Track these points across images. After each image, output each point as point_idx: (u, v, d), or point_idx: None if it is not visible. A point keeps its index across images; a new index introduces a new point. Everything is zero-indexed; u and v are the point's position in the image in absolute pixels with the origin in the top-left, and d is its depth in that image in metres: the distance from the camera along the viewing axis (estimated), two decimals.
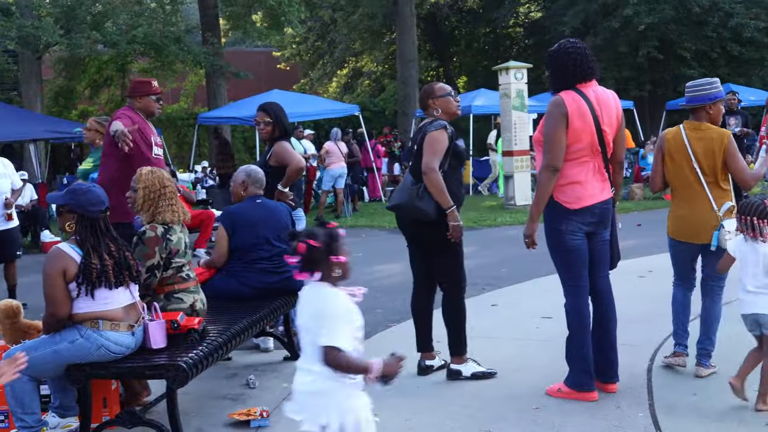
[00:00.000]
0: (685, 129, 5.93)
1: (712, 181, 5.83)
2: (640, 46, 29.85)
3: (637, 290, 8.76)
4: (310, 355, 3.53)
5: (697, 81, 6.02)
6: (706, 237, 5.80)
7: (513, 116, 18.13)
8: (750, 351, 5.38)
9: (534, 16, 37.65)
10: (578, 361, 5.50)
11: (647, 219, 15.84)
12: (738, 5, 29.66)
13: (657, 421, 5.10)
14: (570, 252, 5.43)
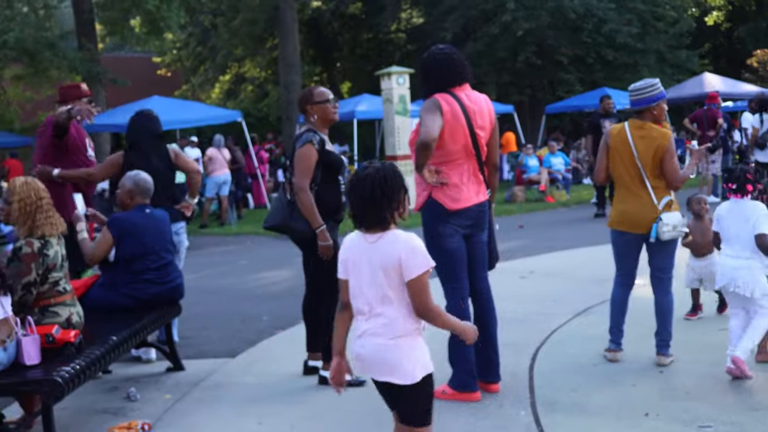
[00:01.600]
0: (629, 127, 6.15)
1: (653, 177, 6.05)
2: (519, 51, 30.46)
3: (519, 291, 8.92)
4: None
5: (638, 84, 6.23)
6: (646, 228, 6.03)
7: (396, 121, 18.24)
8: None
9: (416, 22, 38.00)
10: (461, 362, 5.56)
11: (529, 221, 16.18)
12: (611, 12, 30.61)
13: (538, 418, 5.21)
14: (448, 254, 5.49)
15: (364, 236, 3.70)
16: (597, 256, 10.31)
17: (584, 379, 5.92)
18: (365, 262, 3.67)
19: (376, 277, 3.62)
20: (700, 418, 5.00)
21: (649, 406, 5.26)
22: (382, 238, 3.64)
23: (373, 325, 3.66)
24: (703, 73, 29.36)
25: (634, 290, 6.44)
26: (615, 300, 6.35)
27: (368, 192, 3.60)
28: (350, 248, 3.76)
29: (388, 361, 3.64)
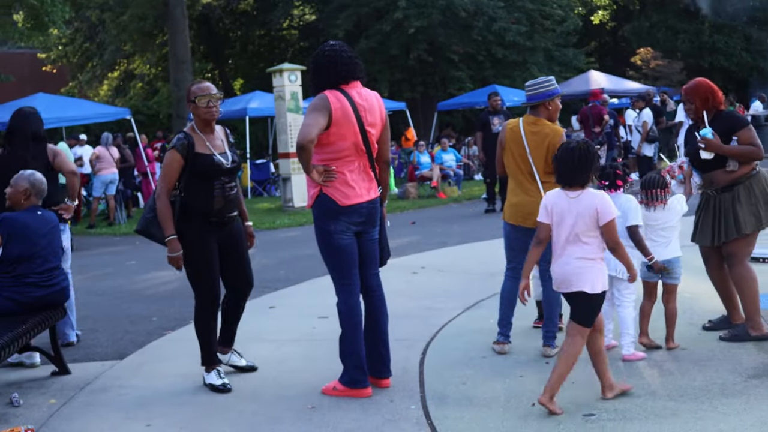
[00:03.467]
0: (523, 123, 6.27)
1: (543, 173, 6.17)
2: (411, 48, 30.69)
3: (410, 286, 9.00)
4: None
5: (535, 80, 6.36)
6: (535, 223, 6.07)
7: (288, 118, 18.18)
8: (642, 307, 6.24)
9: (308, 19, 37.90)
10: (351, 358, 5.58)
11: (421, 217, 16.34)
12: (500, 10, 31.11)
13: (428, 411, 5.26)
14: (339, 251, 5.50)
15: (566, 193, 5.09)
16: (488, 250, 10.49)
17: (473, 371, 6.01)
18: (568, 211, 5.05)
19: (577, 222, 5.02)
20: (584, 407, 5.13)
21: (535, 396, 5.34)
22: (583, 194, 5.05)
23: (567, 251, 5.08)
24: (590, 71, 30.18)
25: None
26: (504, 293, 6.46)
27: (576, 160, 5.03)
28: (555, 202, 5.14)
29: (581, 277, 5.04)
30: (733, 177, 6.21)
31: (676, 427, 4.73)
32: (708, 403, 5.07)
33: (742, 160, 6.20)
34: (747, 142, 6.19)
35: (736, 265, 6.28)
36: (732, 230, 6.20)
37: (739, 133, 6.20)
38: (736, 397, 5.14)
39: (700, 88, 6.36)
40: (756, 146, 6.21)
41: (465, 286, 8.82)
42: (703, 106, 6.31)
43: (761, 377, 5.46)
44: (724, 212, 6.22)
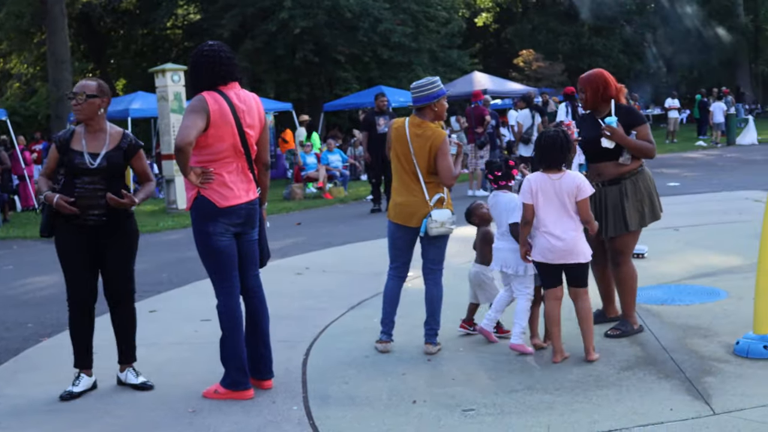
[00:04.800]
0: (409, 124, 6.30)
1: (427, 174, 6.21)
2: (297, 49, 30.64)
3: (294, 287, 8.97)
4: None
5: (420, 82, 6.34)
6: (418, 223, 6.20)
7: (171, 119, 17.87)
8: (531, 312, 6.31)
9: (193, 18, 37.45)
10: (233, 360, 5.53)
11: (307, 218, 16.32)
12: (386, 11, 31.33)
13: (310, 412, 5.26)
14: (218, 253, 5.45)
15: (548, 175, 5.74)
16: (372, 250, 10.55)
17: (356, 371, 6.03)
18: (555, 191, 5.71)
19: (565, 200, 5.70)
20: (464, 403, 5.21)
21: (417, 393, 5.43)
22: (564, 175, 5.73)
23: (562, 226, 5.72)
24: (473, 72, 30.64)
25: (407, 282, 6.62)
26: (387, 292, 6.50)
27: (558, 145, 5.74)
28: (539, 184, 5.75)
29: (578, 248, 5.77)
30: (622, 171, 6.31)
31: (552, 419, 4.84)
32: (583, 395, 5.21)
33: (637, 155, 6.35)
34: (645, 138, 6.34)
35: (622, 263, 6.43)
36: (621, 225, 6.31)
37: (638, 129, 6.33)
38: (610, 388, 5.29)
39: (593, 78, 6.45)
40: (652, 144, 6.38)
41: (349, 286, 8.85)
42: (594, 97, 6.42)
43: (633, 369, 5.64)
44: (612, 206, 6.32)
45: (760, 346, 5.63)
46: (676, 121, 32.86)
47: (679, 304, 7.20)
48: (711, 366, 5.56)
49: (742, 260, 8.50)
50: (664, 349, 6.01)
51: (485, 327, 6.44)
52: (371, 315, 7.18)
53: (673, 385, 5.28)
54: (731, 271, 8.29)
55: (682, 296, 7.45)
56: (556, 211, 5.76)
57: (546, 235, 5.78)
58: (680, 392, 5.14)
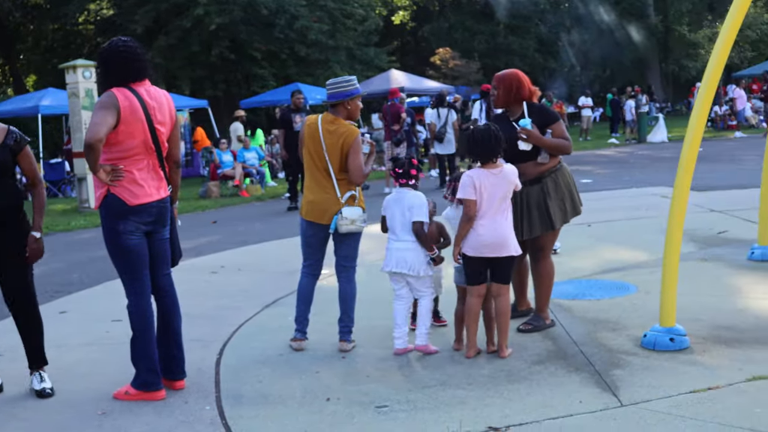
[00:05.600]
0: (322, 121, 6.27)
1: (338, 171, 6.20)
2: (212, 46, 30.33)
3: (209, 286, 8.88)
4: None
5: (336, 79, 6.35)
6: (329, 220, 6.18)
7: (83, 116, 17.52)
8: (455, 312, 6.26)
9: (105, 14, 36.79)
10: (144, 361, 5.44)
11: (223, 216, 16.17)
12: (303, 8, 31.23)
13: (223, 411, 5.21)
14: (129, 252, 5.36)
15: (488, 171, 5.78)
16: (288, 248, 10.48)
17: (270, 369, 5.99)
18: (497, 184, 5.76)
19: (506, 192, 5.80)
20: (377, 400, 5.22)
21: (331, 391, 5.43)
22: (503, 168, 5.82)
23: (499, 220, 5.76)
24: (390, 70, 30.73)
25: (321, 279, 6.61)
26: (301, 290, 6.48)
27: (492, 139, 5.78)
28: (482, 179, 5.74)
29: (510, 241, 5.82)
30: (542, 170, 6.37)
31: (464, 414, 4.89)
32: (495, 389, 5.27)
33: (554, 153, 6.42)
34: (560, 135, 6.41)
35: (542, 259, 6.51)
36: (546, 224, 6.37)
37: (552, 126, 6.39)
38: (521, 382, 5.36)
39: (507, 77, 6.49)
40: (568, 140, 6.46)
41: (264, 285, 8.80)
42: (506, 96, 6.46)
43: (544, 363, 5.72)
44: (536, 206, 6.36)
45: (666, 338, 5.78)
46: (590, 119, 33.48)
47: (589, 299, 7.33)
48: (619, 359, 5.68)
49: (649, 255, 8.70)
50: (575, 342, 6.12)
51: (419, 342, 6.12)
52: (286, 313, 7.14)
53: (583, 378, 5.38)
54: (640, 266, 8.49)
55: (592, 291, 7.59)
56: (495, 205, 5.79)
57: (482, 228, 5.77)
58: (589, 385, 5.24)
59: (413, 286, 6.20)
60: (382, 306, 7.15)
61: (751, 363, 5.37)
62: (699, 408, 4.69)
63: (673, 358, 5.59)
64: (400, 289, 6.21)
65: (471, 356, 5.90)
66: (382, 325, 6.82)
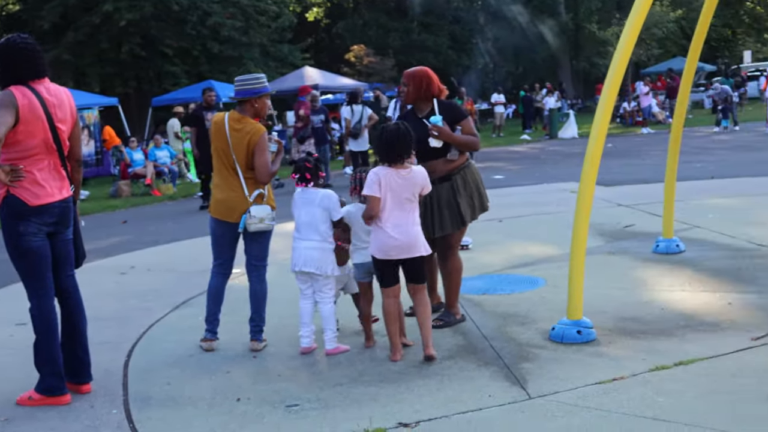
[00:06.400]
0: (229, 119, 6.19)
1: (246, 169, 6.14)
2: (122, 42, 29.81)
3: (118, 287, 8.72)
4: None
5: (245, 76, 6.29)
6: (238, 218, 6.12)
7: None
8: (362, 312, 6.27)
9: (11, 9, 35.77)
10: (47, 365, 5.31)
11: (134, 216, 15.94)
12: (215, 5, 30.92)
13: (130, 414, 5.12)
14: (30, 254, 5.22)
15: (396, 171, 5.65)
16: (200, 247, 10.33)
17: (180, 371, 5.92)
18: (404, 185, 5.66)
19: (413, 193, 5.70)
20: (288, 398, 5.20)
21: (241, 391, 5.38)
22: (412, 169, 5.71)
23: (406, 221, 5.67)
24: (304, 67, 30.58)
25: (232, 279, 6.54)
26: (211, 290, 6.42)
27: (401, 138, 5.67)
28: (387, 179, 5.63)
29: (420, 241, 5.72)
30: (451, 167, 6.40)
31: (375, 410, 4.89)
32: (406, 385, 5.28)
33: (464, 150, 6.45)
34: (469, 132, 6.45)
35: (451, 256, 6.55)
36: (457, 221, 6.40)
37: (462, 123, 6.42)
38: (432, 378, 5.39)
39: (417, 74, 6.52)
40: (477, 136, 6.51)
41: (175, 285, 8.69)
42: (416, 92, 6.49)
43: (455, 358, 5.77)
44: (446, 204, 6.38)
45: (574, 331, 5.88)
46: (502, 116, 33.90)
47: (500, 294, 7.42)
48: (528, 352, 5.76)
49: (558, 250, 8.85)
50: (485, 337, 6.18)
51: (329, 347, 6.08)
52: (197, 313, 7.06)
53: (493, 372, 5.44)
54: (549, 260, 8.62)
55: (502, 285, 7.68)
56: (401, 206, 5.69)
57: (390, 230, 5.67)
58: (499, 379, 5.30)
59: (317, 288, 6.15)
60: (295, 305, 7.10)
61: (654, 353, 5.50)
62: (604, 399, 4.79)
63: (580, 351, 5.69)
64: (307, 288, 6.19)
65: (398, 359, 5.78)
66: (295, 324, 6.77)
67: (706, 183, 14.01)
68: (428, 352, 5.70)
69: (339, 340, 6.16)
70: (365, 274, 6.17)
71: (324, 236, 6.07)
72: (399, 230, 5.66)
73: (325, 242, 6.07)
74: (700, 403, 4.63)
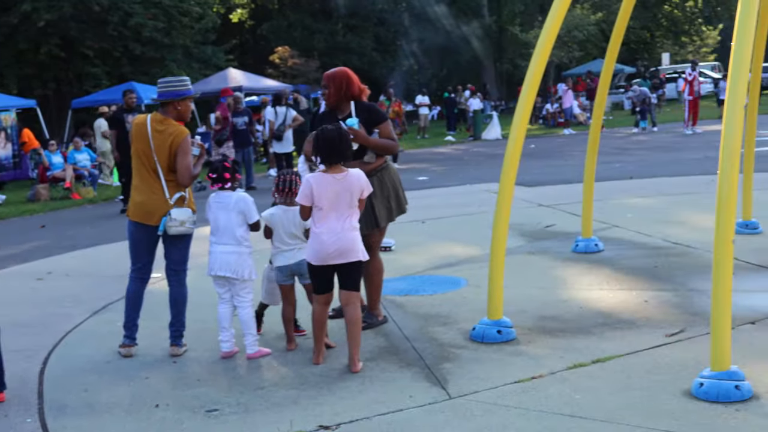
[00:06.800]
0: (151, 120, 6.09)
1: (167, 172, 6.06)
2: (41, 43, 29.22)
3: (35, 293, 8.53)
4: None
5: (168, 78, 6.21)
6: (158, 221, 6.04)
7: None
8: (282, 313, 6.17)
9: None
10: None
11: (52, 220, 15.61)
12: (137, 5, 30.48)
13: (45, 423, 5.02)
14: None
15: (331, 175, 5.50)
16: (120, 251, 10.11)
17: (97, 377, 5.81)
18: (339, 190, 5.49)
19: (351, 198, 5.53)
20: (208, 403, 5.14)
21: (160, 397, 5.31)
22: (348, 174, 5.53)
23: (343, 226, 5.50)
24: (228, 69, 30.36)
25: (152, 283, 6.46)
26: (130, 295, 6.31)
27: (337, 140, 5.53)
28: (321, 185, 5.48)
29: (357, 246, 5.56)
30: (368, 169, 6.34)
31: (296, 414, 4.87)
32: (327, 388, 5.27)
33: (380, 153, 6.44)
34: (387, 135, 6.44)
35: (372, 257, 6.51)
36: (371, 223, 6.39)
37: (380, 126, 6.41)
38: (353, 380, 5.39)
39: (337, 75, 6.50)
40: (395, 140, 6.50)
41: (94, 290, 8.53)
42: (337, 94, 6.46)
43: (377, 359, 5.77)
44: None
45: (494, 330, 5.94)
46: (427, 118, 34.07)
47: (422, 295, 7.45)
48: (450, 352, 5.79)
49: (480, 250, 8.91)
50: (407, 338, 6.20)
51: (250, 351, 6.02)
52: (115, 319, 6.93)
53: (414, 373, 5.46)
54: (471, 260, 8.69)
55: (425, 286, 7.72)
56: (338, 211, 5.52)
57: (325, 236, 5.50)
58: (420, 379, 5.32)
59: (234, 292, 6.09)
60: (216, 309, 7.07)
61: (572, 351, 5.59)
62: (523, 397, 4.84)
63: (500, 350, 5.75)
64: (225, 292, 6.12)
65: (320, 362, 5.72)
66: (216, 328, 6.72)
67: (625, 183, 14.28)
68: (354, 369, 5.55)
69: (261, 344, 6.12)
70: (287, 276, 6.13)
71: (240, 240, 6.00)
72: (335, 236, 5.49)
73: (242, 246, 6.01)
74: (616, 399, 4.71)
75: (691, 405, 4.56)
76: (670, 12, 56.03)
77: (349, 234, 5.55)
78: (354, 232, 5.59)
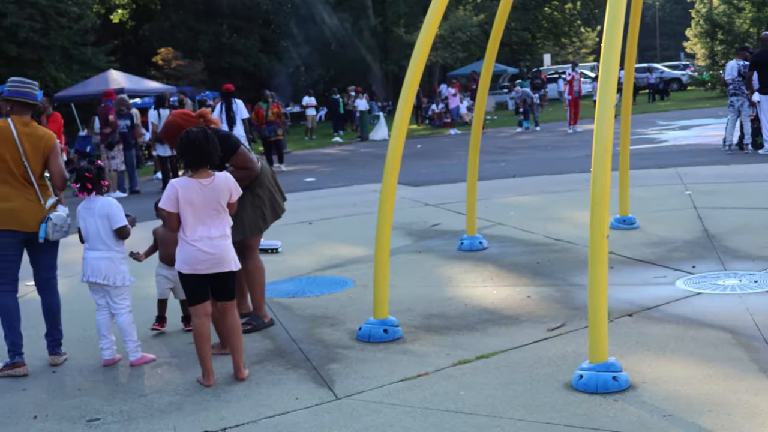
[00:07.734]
0: (15, 123, 5.85)
1: (39, 176, 5.89)
2: None
3: None
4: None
5: (20, 78, 6.00)
6: (33, 228, 5.82)
7: None
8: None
9: None
10: None
11: None
12: (12, 5, 29.55)
13: None
14: None
15: (197, 181, 5.20)
16: None
17: None
18: (206, 197, 5.22)
19: (218, 205, 5.27)
20: (89, 413, 5.02)
21: (39, 408, 5.16)
22: (215, 179, 5.25)
23: (214, 233, 5.25)
24: (109, 70, 29.70)
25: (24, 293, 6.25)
26: (6, 309, 5.92)
27: (204, 143, 5.20)
28: (187, 191, 5.18)
29: (230, 255, 5.33)
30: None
31: (180, 420, 4.80)
32: (212, 393, 5.20)
33: (241, 184, 5.80)
34: (241, 165, 6.20)
35: (250, 258, 6.46)
36: (239, 232, 6.24)
37: (232, 161, 6.16)
38: (239, 384, 5.33)
39: (169, 129, 6.14)
40: (250, 168, 6.23)
41: None
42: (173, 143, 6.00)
43: (263, 362, 5.73)
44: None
45: (380, 330, 5.96)
46: (314, 119, 34.06)
47: (309, 296, 7.43)
48: (336, 353, 5.79)
49: (367, 250, 8.93)
50: (294, 340, 6.17)
51: (132, 358, 5.88)
52: None
53: (300, 374, 5.44)
54: (358, 260, 8.72)
55: (312, 288, 7.70)
56: (207, 218, 5.25)
57: (197, 243, 5.22)
58: (306, 381, 5.30)
59: (110, 299, 5.92)
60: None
61: (458, 348, 5.66)
62: (408, 395, 4.88)
63: (386, 349, 5.78)
64: (101, 299, 5.95)
65: (211, 384, 5.37)
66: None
67: (508, 182, 14.53)
68: (241, 376, 5.42)
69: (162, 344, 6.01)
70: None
71: (110, 245, 5.84)
72: (206, 243, 5.22)
73: (113, 251, 5.85)
74: (500, 394, 4.79)
75: (571, 397, 4.67)
76: (550, 14, 57.39)
77: (221, 242, 5.29)
78: (226, 240, 5.34)
